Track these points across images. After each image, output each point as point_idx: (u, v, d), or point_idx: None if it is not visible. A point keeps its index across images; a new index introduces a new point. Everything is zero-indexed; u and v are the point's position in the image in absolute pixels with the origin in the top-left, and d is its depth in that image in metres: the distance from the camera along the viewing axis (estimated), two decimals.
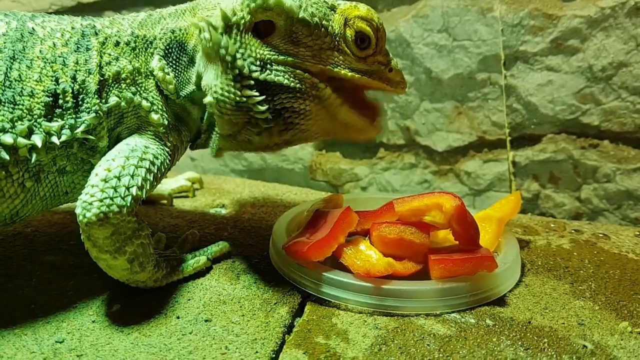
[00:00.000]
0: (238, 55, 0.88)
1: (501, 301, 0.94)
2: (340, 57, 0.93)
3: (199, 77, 0.94)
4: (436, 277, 0.92)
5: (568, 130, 1.44)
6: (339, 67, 0.93)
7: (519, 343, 0.83)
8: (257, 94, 0.89)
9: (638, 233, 1.25)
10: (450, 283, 0.91)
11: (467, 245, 0.96)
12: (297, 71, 0.91)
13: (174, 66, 0.96)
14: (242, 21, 0.88)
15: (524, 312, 0.91)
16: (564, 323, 0.88)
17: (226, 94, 0.90)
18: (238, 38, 0.89)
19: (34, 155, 0.85)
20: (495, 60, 1.46)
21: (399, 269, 0.93)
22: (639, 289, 0.99)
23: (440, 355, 0.80)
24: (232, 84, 0.89)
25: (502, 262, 0.97)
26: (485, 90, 1.49)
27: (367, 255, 0.94)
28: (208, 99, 0.91)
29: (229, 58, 0.88)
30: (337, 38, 0.93)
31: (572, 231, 1.25)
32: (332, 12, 0.93)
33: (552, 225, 1.29)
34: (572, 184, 1.45)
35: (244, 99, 0.89)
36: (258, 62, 0.89)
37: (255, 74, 0.89)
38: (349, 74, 0.94)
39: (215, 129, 0.97)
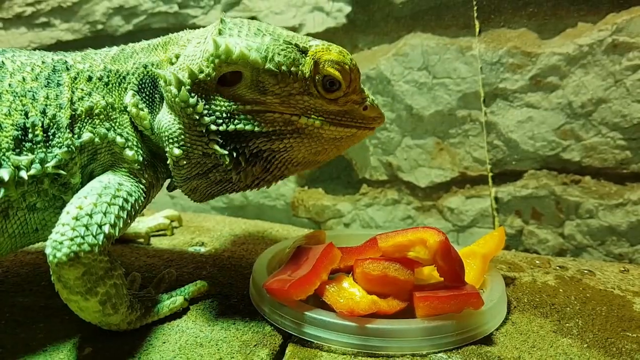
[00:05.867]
0: (205, 112, 0.89)
1: (488, 340, 0.92)
2: (311, 100, 0.92)
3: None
4: (422, 315, 0.89)
5: (549, 166, 1.44)
6: (311, 117, 0.93)
7: None
8: (224, 151, 0.90)
9: (623, 269, 1.24)
10: (436, 321, 0.88)
11: (452, 281, 0.94)
12: (267, 114, 0.91)
13: (148, 102, 0.95)
14: (208, 78, 0.88)
15: (512, 351, 0.89)
16: None
17: (193, 147, 0.91)
18: (204, 95, 0.89)
19: (2, 190, 0.82)
20: (475, 98, 1.47)
21: (383, 307, 0.90)
22: (626, 326, 0.97)
23: None
24: (199, 138, 0.90)
25: (488, 299, 0.95)
26: (466, 126, 1.50)
27: (350, 292, 0.92)
28: (176, 152, 0.91)
29: (196, 117, 0.88)
30: (307, 82, 0.92)
31: (557, 267, 1.24)
32: (304, 55, 0.91)
33: (537, 261, 1.28)
34: (555, 220, 1.45)
35: (211, 151, 0.90)
36: (225, 115, 0.89)
37: (222, 127, 0.89)
38: (318, 122, 0.93)
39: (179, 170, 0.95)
